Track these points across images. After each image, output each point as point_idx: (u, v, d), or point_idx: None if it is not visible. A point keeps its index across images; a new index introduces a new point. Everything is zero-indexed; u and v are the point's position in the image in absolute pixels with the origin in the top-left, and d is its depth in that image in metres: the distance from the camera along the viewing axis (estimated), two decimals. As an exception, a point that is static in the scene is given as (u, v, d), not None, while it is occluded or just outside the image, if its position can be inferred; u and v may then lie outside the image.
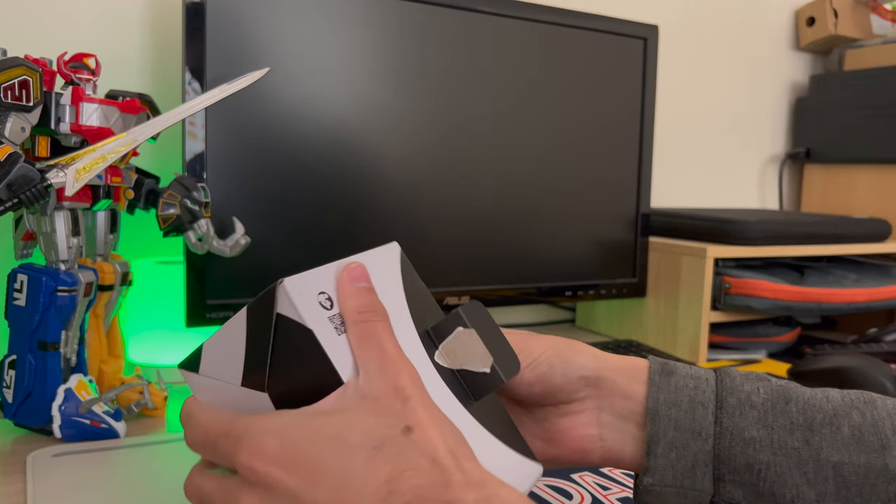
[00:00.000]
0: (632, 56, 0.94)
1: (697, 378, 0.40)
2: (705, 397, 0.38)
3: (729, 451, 0.37)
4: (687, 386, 0.39)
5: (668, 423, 0.38)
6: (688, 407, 0.38)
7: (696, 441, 0.38)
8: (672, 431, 0.38)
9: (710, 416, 0.38)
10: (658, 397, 0.39)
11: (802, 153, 1.37)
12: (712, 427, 0.38)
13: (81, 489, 0.50)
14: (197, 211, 0.64)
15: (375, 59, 0.77)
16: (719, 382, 0.39)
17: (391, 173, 0.79)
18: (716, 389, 0.39)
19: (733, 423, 0.37)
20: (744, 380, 0.39)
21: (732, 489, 0.37)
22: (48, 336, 0.58)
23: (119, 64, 0.80)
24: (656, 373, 0.40)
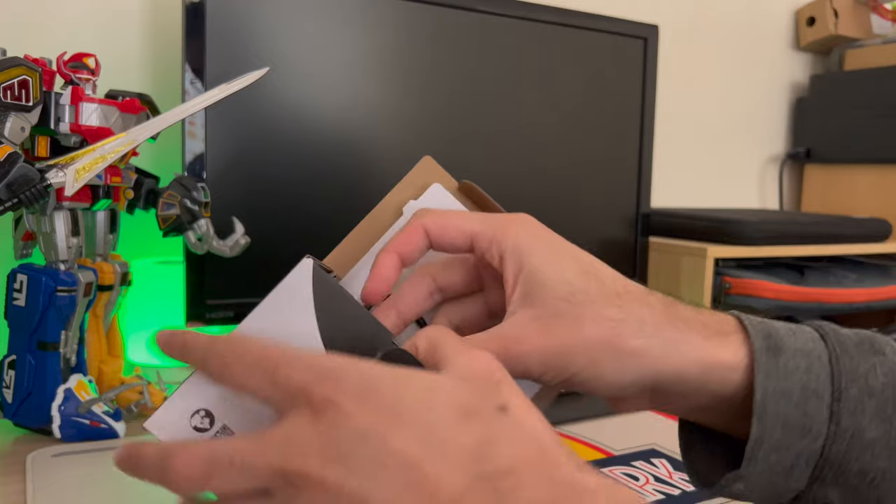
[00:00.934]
0: (632, 56, 0.94)
1: (809, 356, 0.31)
2: (820, 384, 0.31)
3: (844, 455, 0.31)
4: (798, 368, 0.31)
5: (776, 421, 0.31)
6: (799, 398, 0.31)
7: (803, 440, 0.31)
8: (779, 431, 0.31)
9: (825, 411, 0.31)
10: (767, 387, 0.31)
11: (802, 153, 1.37)
12: (826, 425, 0.31)
13: (81, 489, 0.50)
14: (197, 211, 0.64)
15: (375, 59, 0.77)
16: (834, 360, 0.31)
17: (391, 173, 0.79)
18: (831, 372, 0.31)
19: (853, 423, 0.31)
20: (859, 355, 0.32)
21: (829, 490, 0.32)
22: (48, 336, 0.58)
23: (119, 64, 0.80)
24: (762, 351, 0.31)
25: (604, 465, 0.56)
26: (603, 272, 0.33)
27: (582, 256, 0.34)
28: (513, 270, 0.33)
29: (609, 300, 0.32)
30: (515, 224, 0.34)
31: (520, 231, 0.34)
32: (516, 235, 0.33)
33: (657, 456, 0.58)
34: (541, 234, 0.34)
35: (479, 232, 0.34)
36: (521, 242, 0.33)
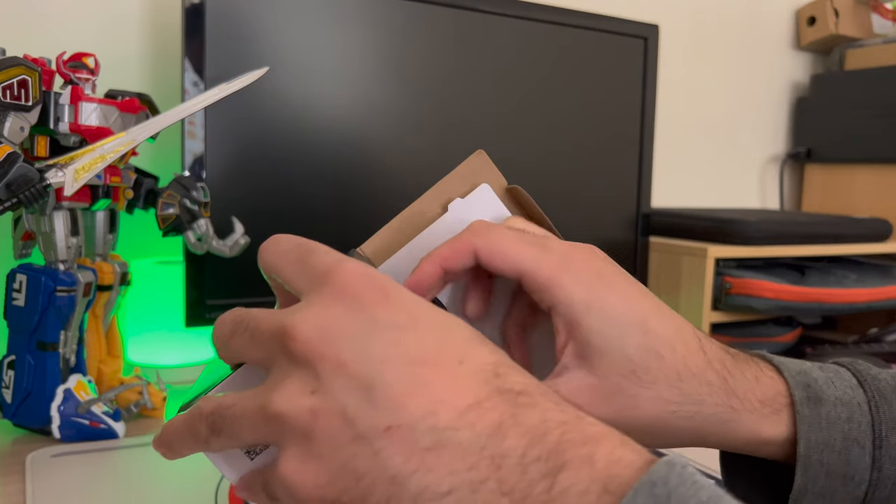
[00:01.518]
0: (632, 56, 0.94)
1: (849, 405, 0.32)
2: (861, 433, 0.32)
3: (886, 500, 0.32)
4: (839, 418, 0.32)
5: (820, 470, 0.31)
6: (842, 447, 0.31)
7: (846, 487, 0.32)
8: (823, 479, 0.31)
9: (867, 458, 0.31)
10: (810, 438, 0.31)
11: (803, 153, 1.37)
12: (868, 472, 0.31)
13: (81, 489, 0.50)
14: (196, 211, 0.64)
15: (375, 59, 0.77)
16: (874, 408, 0.32)
17: (391, 173, 0.79)
18: (871, 420, 0.32)
19: (895, 470, 0.31)
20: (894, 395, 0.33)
21: None
22: (47, 336, 0.58)
23: (118, 63, 0.80)
24: (803, 403, 0.32)
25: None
26: (664, 345, 0.31)
27: (648, 321, 0.31)
28: (567, 324, 0.31)
29: (670, 382, 0.31)
30: (572, 269, 0.31)
31: (576, 283, 0.31)
32: (571, 290, 0.30)
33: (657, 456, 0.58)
34: (601, 285, 0.31)
35: (530, 272, 0.31)
36: (577, 299, 0.30)
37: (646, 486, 0.20)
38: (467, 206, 0.39)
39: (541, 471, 0.22)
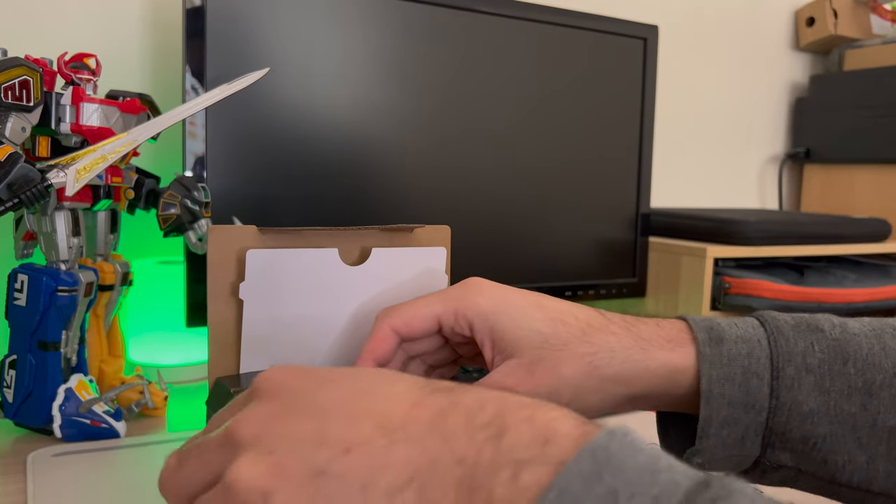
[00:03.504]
0: (632, 56, 0.94)
1: (749, 342, 0.36)
2: (760, 366, 0.36)
3: (785, 425, 0.35)
4: (740, 354, 0.36)
5: (722, 402, 0.35)
6: (741, 380, 0.36)
7: (748, 414, 0.36)
8: (725, 409, 0.36)
9: (766, 388, 0.35)
10: (711, 374, 0.36)
11: (802, 153, 1.37)
12: (767, 400, 0.35)
13: (81, 489, 0.50)
14: (197, 211, 0.64)
15: (375, 59, 0.77)
16: (773, 345, 0.36)
17: (391, 174, 0.79)
18: (770, 355, 0.36)
19: (791, 397, 0.35)
20: (797, 336, 0.36)
21: (781, 454, 0.36)
22: (48, 336, 0.58)
23: (119, 64, 0.80)
24: (705, 343, 0.36)
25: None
26: (565, 314, 0.37)
27: (543, 303, 0.38)
28: (485, 334, 0.37)
29: (578, 339, 0.36)
30: (471, 292, 0.38)
31: (478, 299, 0.37)
32: (476, 304, 0.37)
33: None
34: (497, 294, 0.38)
35: (443, 312, 0.37)
36: (484, 309, 0.37)
37: (586, 452, 0.22)
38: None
39: (486, 436, 0.24)
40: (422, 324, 0.38)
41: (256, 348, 0.38)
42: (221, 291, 0.38)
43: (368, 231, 0.41)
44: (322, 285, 0.40)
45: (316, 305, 0.40)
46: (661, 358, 0.36)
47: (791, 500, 0.23)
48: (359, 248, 0.41)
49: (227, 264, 0.38)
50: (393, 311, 0.38)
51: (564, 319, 0.37)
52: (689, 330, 0.38)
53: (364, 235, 0.41)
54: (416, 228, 0.43)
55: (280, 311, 0.38)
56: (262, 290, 0.37)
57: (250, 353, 0.38)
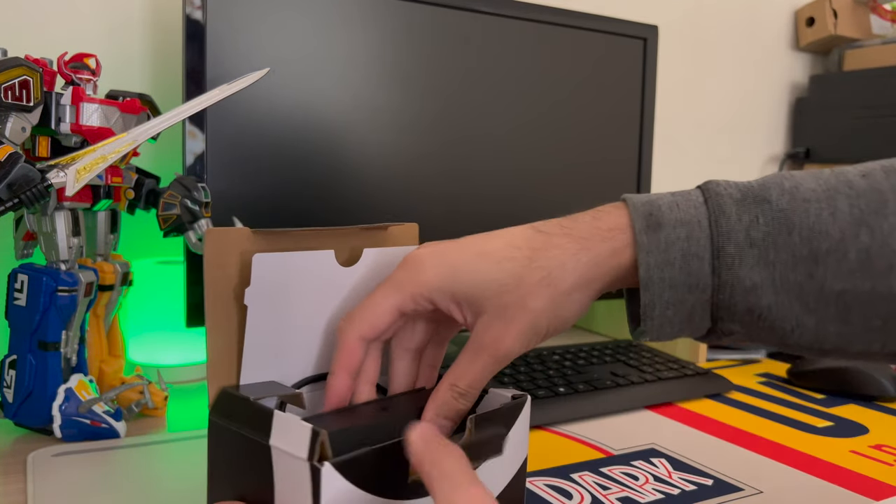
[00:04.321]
0: (632, 56, 0.95)
1: (689, 224, 0.37)
2: (700, 247, 0.36)
3: (729, 300, 0.36)
4: (679, 238, 0.36)
5: (663, 286, 0.36)
6: (681, 263, 0.36)
7: (692, 294, 0.36)
8: (667, 292, 0.37)
9: (707, 268, 0.36)
10: (649, 262, 0.36)
11: (802, 153, 1.37)
12: (709, 279, 0.36)
13: (81, 489, 0.50)
14: (197, 211, 0.64)
15: (374, 60, 0.77)
16: (713, 225, 0.36)
17: (392, 174, 0.79)
18: (710, 235, 0.36)
19: (732, 275, 0.36)
20: (741, 210, 0.36)
21: (731, 325, 0.37)
22: (48, 336, 0.58)
23: (119, 64, 0.80)
24: (642, 232, 0.37)
25: (604, 464, 0.56)
26: (506, 249, 0.38)
27: (483, 248, 0.38)
28: (448, 304, 0.38)
29: (528, 268, 0.37)
30: (417, 272, 0.38)
31: (426, 276, 0.37)
32: (427, 282, 0.37)
33: (657, 455, 0.58)
34: (440, 261, 0.38)
35: (401, 302, 0.38)
36: (436, 283, 0.37)
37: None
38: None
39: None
40: (386, 320, 0.38)
41: (259, 353, 0.38)
42: (220, 294, 0.38)
43: (349, 230, 0.41)
44: (322, 287, 0.40)
45: (317, 308, 0.40)
46: (605, 251, 0.37)
47: None
48: (348, 248, 0.41)
49: (225, 267, 0.38)
50: (354, 317, 0.38)
51: (508, 255, 0.38)
52: (628, 216, 0.38)
53: (346, 234, 0.41)
54: (389, 227, 0.44)
55: (284, 315, 0.38)
56: (268, 295, 0.37)
57: (253, 358, 0.38)
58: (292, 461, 0.31)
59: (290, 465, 0.31)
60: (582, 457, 0.57)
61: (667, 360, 0.83)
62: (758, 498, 0.51)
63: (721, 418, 0.68)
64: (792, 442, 0.62)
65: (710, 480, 0.54)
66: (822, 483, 0.54)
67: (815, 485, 0.54)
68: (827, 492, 0.53)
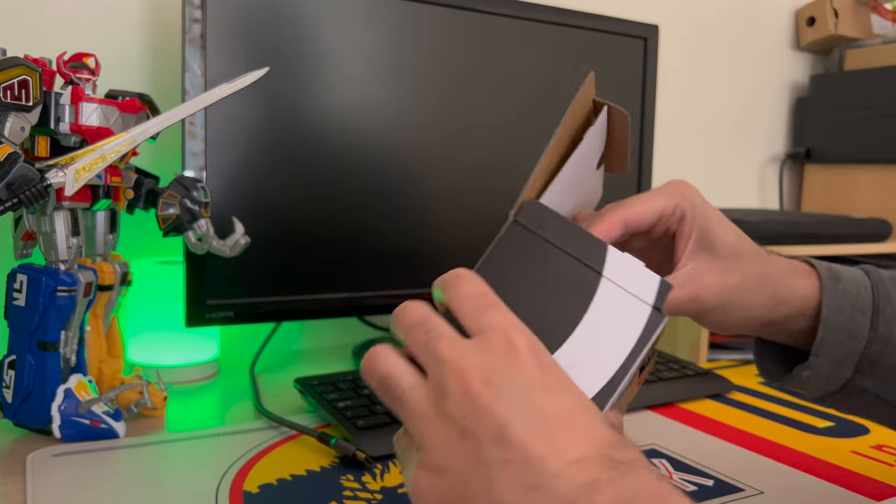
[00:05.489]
0: (632, 56, 0.94)
1: (858, 284, 0.44)
2: (864, 304, 0.44)
3: (878, 354, 0.43)
4: (849, 292, 0.44)
5: (835, 328, 0.43)
6: (850, 313, 0.43)
7: (850, 342, 0.43)
8: (835, 334, 0.43)
9: (867, 322, 0.43)
10: (830, 304, 0.43)
11: (802, 153, 1.37)
12: (867, 332, 0.43)
13: (81, 489, 0.50)
14: (196, 211, 0.64)
15: (375, 59, 0.77)
16: (875, 289, 0.44)
17: (392, 174, 0.79)
18: (873, 296, 0.44)
19: (887, 331, 0.43)
20: (892, 284, 0.45)
21: (867, 380, 0.44)
22: (48, 336, 0.58)
23: (119, 64, 0.80)
24: (827, 279, 0.44)
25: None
26: (745, 237, 0.45)
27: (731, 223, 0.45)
28: (693, 227, 0.43)
29: (757, 258, 0.44)
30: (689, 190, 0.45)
31: (695, 197, 0.44)
32: (693, 200, 0.44)
33: (657, 456, 0.58)
34: (703, 201, 0.45)
35: (665, 206, 0.43)
36: (699, 207, 0.44)
37: None
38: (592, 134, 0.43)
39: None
40: (648, 217, 0.43)
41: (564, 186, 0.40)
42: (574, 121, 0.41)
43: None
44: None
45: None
46: (800, 283, 0.44)
47: None
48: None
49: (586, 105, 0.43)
50: (622, 204, 0.43)
51: (746, 239, 0.45)
52: (811, 266, 0.45)
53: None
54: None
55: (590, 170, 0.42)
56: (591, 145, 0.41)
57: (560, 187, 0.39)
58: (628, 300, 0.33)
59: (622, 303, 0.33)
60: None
61: (667, 360, 0.83)
62: (758, 498, 0.51)
63: (722, 419, 0.68)
64: (793, 442, 0.62)
65: (711, 481, 0.54)
66: (822, 483, 0.54)
67: (815, 485, 0.54)
68: (828, 492, 0.53)
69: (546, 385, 0.30)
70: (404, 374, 0.32)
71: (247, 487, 0.51)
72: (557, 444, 0.28)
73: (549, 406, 0.29)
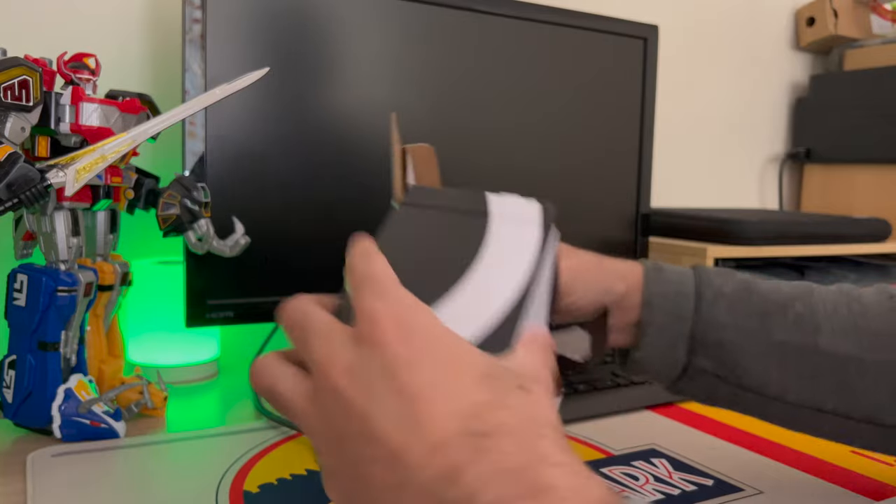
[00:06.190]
0: (632, 56, 0.94)
1: (681, 274, 0.48)
2: (687, 289, 0.47)
3: (703, 332, 0.46)
4: (673, 280, 0.48)
5: (659, 310, 0.47)
6: (674, 298, 0.47)
7: (677, 324, 0.47)
8: (661, 317, 0.47)
9: (691, 305, 0.47)
10: (652, 290, 0.47)
11: (802, 153, 1.37)
12: (692, 313, 0.46)
13: (81, 489, 0.50)
14: (197, 211, 0.64)
15: (375, 59, 0.77)
16: (697, 278, 0.48)
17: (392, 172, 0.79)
18: (695, 283, 0.47)
19: (708, 312, 0.46)
20: (716, 275, 0.48)
21: (703, 360, 0.47)
22: (48, 336, 0.58)
23: (119, 64, 0.80)
24: (650, 270, 0.48)
25: (604, 464, 0.56)
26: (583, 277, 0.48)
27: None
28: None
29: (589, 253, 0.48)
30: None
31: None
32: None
33: (657, 456, 0.58)
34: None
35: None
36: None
37: None
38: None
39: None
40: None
41: None
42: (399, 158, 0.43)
43: None
44: None
45: None
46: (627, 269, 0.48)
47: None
48: None
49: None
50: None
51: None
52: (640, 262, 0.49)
53: None
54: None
55: None
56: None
57: None
58: (516, 229, 0.34)
59: (512, 233, 0.34)
60: (582, 457, 0.57)
61: (667, 360, 0.83)
62: (758, 498, 0.51)
63: (721, 418, 0.68)
64: (792, 442, 0.62)
65: (711, 481, 0.54)
66: (822, 483, 0.54)
67: (815, 485, 0.54)
68: (827, 492, 0.53)
69: (410, 359, 0.28)
70: (286, 382, 0.31)
71: (247, 487, 0.51)
72: (420, 428, 0.26)
73: (411, 383, 0.27)
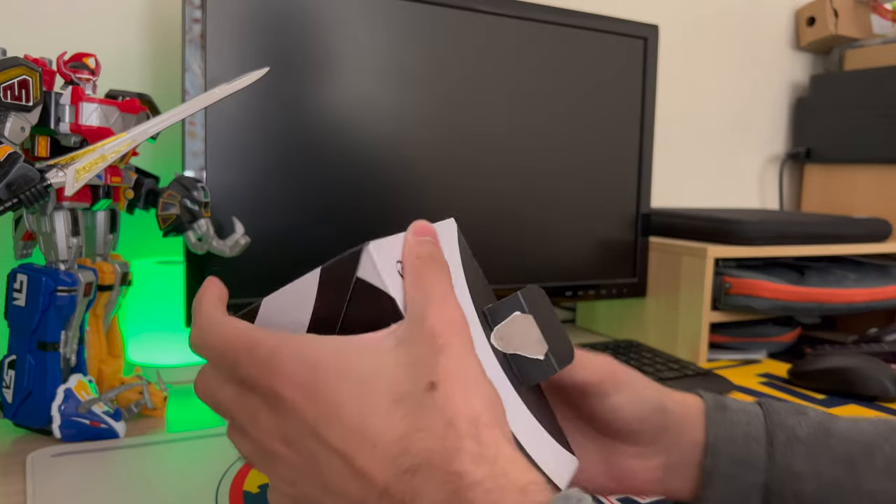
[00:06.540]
0: (632, 56, 0.94)
1: (749, 413, 0.42)
2: (758, 432, 0.41)
3: (780, 483, 0.40)
4: (740, 421, 0.42)
5: (726, 458, 0.41)
6: (743, 442, 0.41)
7: (749, 473, 0.41)
8: (729, 466, 0.41)
9: (763, 451, 0.41)
10: (717, 433, 0.41)
11: (802, 153, 1.37)
12: (765, 461, 0.40)
13: (81, 489, 0.50)
14: (197, 211, 0.64)
15: (376, 59, 0.77)
16: (767, 418, 0.42)
17: (392, 174, 0.79)
18: (765, 424, 0.42)
19: (784, 459, 0.40)
20: (787, 414, 0.42)
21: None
22: (48, 336, 0.58)
23: (119, 64, 0.80)
24: (712, 408, 0.42)
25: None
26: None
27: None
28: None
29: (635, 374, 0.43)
30: None
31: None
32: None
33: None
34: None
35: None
36: None
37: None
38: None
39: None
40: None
41: None
42: None
43: None
44: None
45: None
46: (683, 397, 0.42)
47: None
48: None
49: None
50: None
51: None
52: (698, 395, 0.43)
53: None
54: None
55: None
56: None
57: None
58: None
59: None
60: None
61: (668, 360, 0.83)
62: (758, 498, 0.51)
63: None
64: (792, 442, 0.62)
65: None
66: (822, 483, 0.54)
67: (815, 485, 0.54)
68: (828, 492, 0.52)
69: (320, 416, 0.29)
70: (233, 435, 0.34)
71: (247, 487, 0.51)
72: (364, 479, 0.28)
73: (334, 440, 0.29)
